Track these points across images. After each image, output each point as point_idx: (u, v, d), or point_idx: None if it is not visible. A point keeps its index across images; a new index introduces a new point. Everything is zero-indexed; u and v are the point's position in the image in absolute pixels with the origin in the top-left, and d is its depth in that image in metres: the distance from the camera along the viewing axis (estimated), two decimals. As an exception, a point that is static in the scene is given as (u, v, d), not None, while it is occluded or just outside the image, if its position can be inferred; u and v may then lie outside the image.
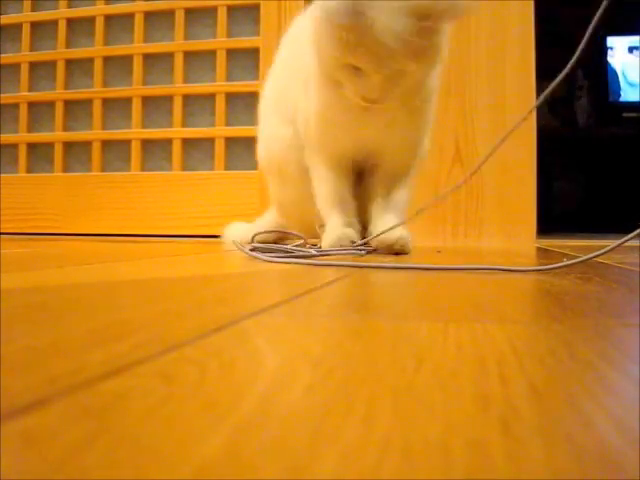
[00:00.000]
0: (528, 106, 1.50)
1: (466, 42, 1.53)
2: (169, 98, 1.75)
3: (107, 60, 1.80)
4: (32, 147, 1.85)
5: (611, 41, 2.51)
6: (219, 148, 1.71)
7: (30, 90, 1.85)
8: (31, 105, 1.85)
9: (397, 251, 0.91)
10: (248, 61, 1.71)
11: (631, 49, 2.52)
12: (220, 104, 1.71)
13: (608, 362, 0.24)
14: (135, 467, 0.13)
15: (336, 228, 0.95)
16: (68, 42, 1.82)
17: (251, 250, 0.79)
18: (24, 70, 1.84)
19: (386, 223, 0.92)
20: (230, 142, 1.71)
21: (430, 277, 0.60)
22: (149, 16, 1.78)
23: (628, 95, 2.52)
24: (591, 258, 0.67)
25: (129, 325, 0.30)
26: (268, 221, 1.26)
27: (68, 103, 1.83)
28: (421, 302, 0.44)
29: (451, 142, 1.47)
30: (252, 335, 0.28)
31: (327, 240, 0.94)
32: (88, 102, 1.81)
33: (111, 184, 1.77)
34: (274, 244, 0.99)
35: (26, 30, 1.84)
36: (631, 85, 2.51)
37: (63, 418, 0.16)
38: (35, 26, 1.85)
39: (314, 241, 1.01)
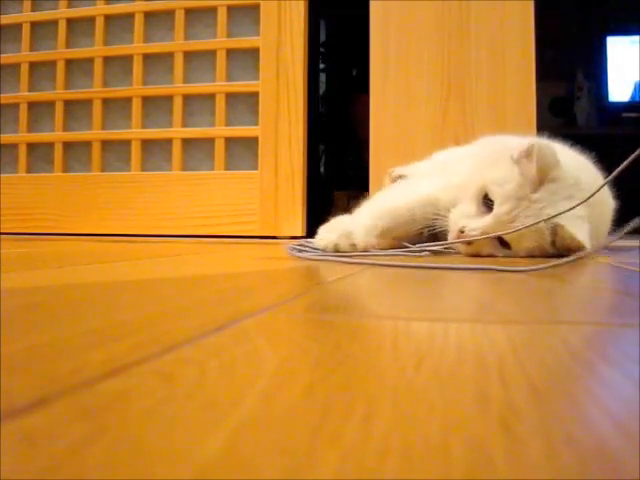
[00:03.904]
0: (528, 106, 1.50)
1: (466, 42, 1.53)
2: (169, 98, 1.75)
3: (107, 60, 1.80)
4: (32, 147, 1.85)
5: (611, 41, 2.51)
6: (219, 148, 1.71)
7: (30, 90, 1.85)
8: (31, 105, 1.85)
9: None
10: (248, 61, 1.71)
11: (631, 49, 2.51)
12: (220, 104, 1.71)
13: (608, 362, 0.24)
14: (135, 467, 0.13)
15: None
16: (68, 42, 1.82)
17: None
18: (24, 70, 1.84)
19: None
20: (230, 142, 1.71)
21: (431, 277, 0.60)
22: (149, 16, 1.78)
23: (628, 95, 2.51)
24: (588, 256, 0.67)
25: (129, 325, 0.30)
26: None
27: (68, 103, 1.83)
28: (422, 302, 0.44)
29: (451, 142, 1.47)
30: (252, 335, 0.28)
31: None
32: (88, 102, 1.81)
33: (111, 184, 1.77)
34: None
35: (26, 30, 1.84)
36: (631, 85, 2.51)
37: (63, 418, 0.16)
38: (35, 26, 1.85)
39: None
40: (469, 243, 0.88)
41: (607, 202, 1.07)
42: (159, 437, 0.15)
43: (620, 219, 1.06)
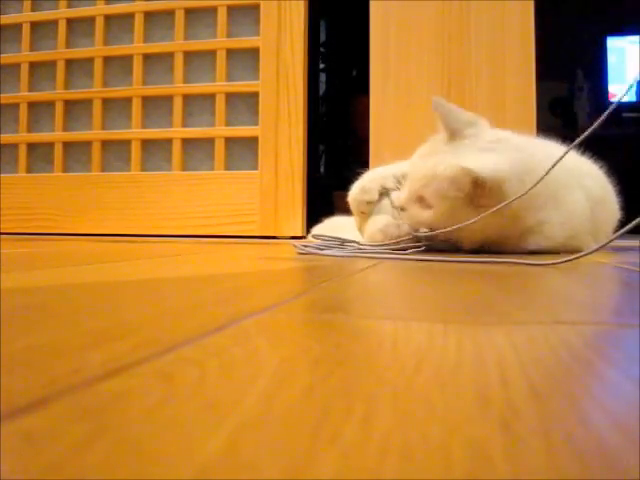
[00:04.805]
0: (528, 106, 1.50)
1: (466, 42, 1.53)
2: (169, 98, 1.75)
3: (107, 60, 1.80)
4: (32, 147, 1.85)
5: (611, 41, 2.51)
6: (219, 148, 1.71)
7: (30, 90, 1.85)
8: (31, 105, 1.85)
9: None
10: (248, 61, 1.71)
11: (631, 49, 2.51)
12: (220, 104, 1.71)
13: (608, 362, 0.24)
14: (135, 467, 0.13)
15: None
16: (68, 42, 1.82)
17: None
18: (24, 70, 1.84)
19: None
20: (230, 142, 1.71)
21: (431, 276, 0.60)
22: (149, 16, 1.78)
23: (628, 95, 2.52)
24: (587, 254, 0.67)
25: (129, 325, 0.30)
26: None
27: (68, 103, 1.83)
28: (422, 302, 0.44)
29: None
30: (252, 335, 0.28)
31: None
32: (88, 102, 1.81)
33: (111, 184, 1.77)
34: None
35: (26, 30, 1.84)
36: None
37: (63, 418, 0.16)
38: (35, 26, 1.85)
39: None
40: (402, 209, 0.94)
41: (610, 201, 1.06)
42: (159, 437, 0.15)
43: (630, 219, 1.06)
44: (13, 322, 0.30)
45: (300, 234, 1.63)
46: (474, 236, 0.88)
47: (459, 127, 0.92)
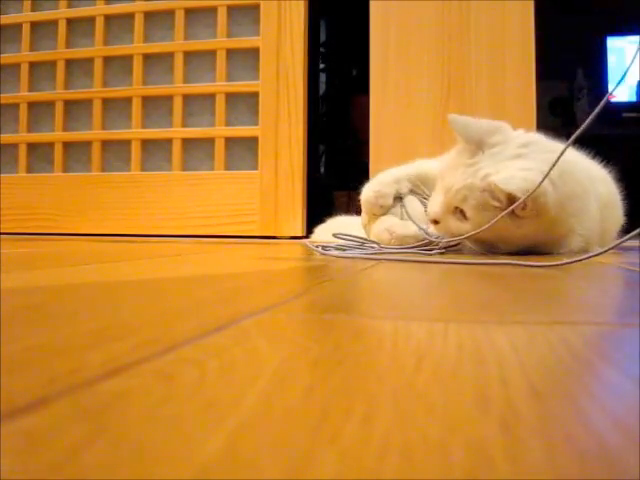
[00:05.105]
0: (528, 106, 1.50)
1: (466, 42, 1.53)
2: (169, 98, 1.75)
3: (107, 60, 1.80)
4: (32, 147, 1.85)
5: (611, 41, 2.51)
6: (219, 148, 1.71)
7: (30, 90, 1.85)
8: (31, 105, 1.85)
9: None
10: (248, 61, 1.71)
11: (631, 49, 2.51)
12: (220, 104, 1.71)
13: (608, 362, 0.24)
14: (135, 467, 0.13)
15: None
16: (68, 42, 1.82)
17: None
18: (24, 70, 1.84)
19: None
20: (230, 142, 1.71)
21: (431, 275, 0.60)
22: (149, 16, 1.78)
23: (628, 95, 2.51)
24: (590, 257, 0.67)
25: (129, 325, 0.30)
26: None
27: (68, 103, 1.83)
28: (422, 301, 0.44)
29: (451, 142, 1.47)
30: (252, 335, 0.28)
31: None
32: (88, 102, 1.81)
33: (111, 184, 1.77)
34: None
35: (26, 30, 1.84)
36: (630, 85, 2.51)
37: (63, 418, 0.16)
38: (35, 26, 1.85)
39: None
40: (436, 222, 0.92)
41: (617, 205, 1.07)
42: (159, 437, 0.15)
43: (630, 219, 1.07)
44: (13, 322, 0.30)
45: (300, 234, 1.63)
46: (513, 243, 0.87)
47: (482, 138, 0.90)
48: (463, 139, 0.92)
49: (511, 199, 0.81)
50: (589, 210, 0.93)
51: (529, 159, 0.86)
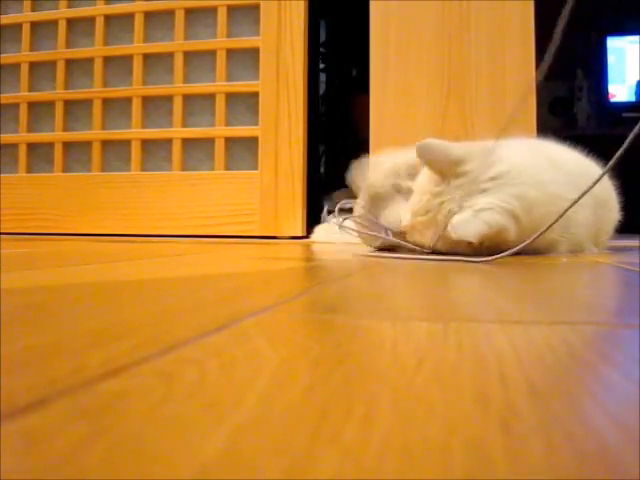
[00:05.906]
0: (528, 106, 1.50)
1: (466, 42, 1.53)
2: (169, 98, 1.75)
3: (107, 60, 1.80)
4: (32, 147, 1.85)
5: (611, 41, 2.51)
6: (219, 148, 1.71)
7: (30, 90, 1.84)
8: (31, 105, 1.85)
9: None
10: (248, 61, 1.71)
11: (631, 49, 2.51)
12: (220, 104, 1.71)
13: (608, 362, 0.24)
14: (135, 467, 0.13)
15: None
16: (68, 42, 1.82)
17: None
18: (24, 70, 1.84)
19: None
20: (230, 142, 1.71)
21: (431, 275, 0.60)
22: (149, 16, 1.78)
23: (627, 95, 2.51)
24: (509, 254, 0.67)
25: (129, 325, 0.30)
26: None
27: (68, 103, 1.82)
28: (422, 301, 0.44)
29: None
30: (252, 335, 0.28)
31: None
32: (88, 102, 1.81)
33: (111, 184, 1.77)
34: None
35: (26, 30, 1.84)
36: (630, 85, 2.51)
37: (63, 418, 0.16)
38: (35, 26, 1.85)
39: None
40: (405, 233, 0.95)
41: (612, 202, 1.06)
42: (159, 437, 0.15)
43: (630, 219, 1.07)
44: (13, 322, 0.30)
45: (300, 234, 1.63)
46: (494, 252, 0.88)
47: (449, 167, 0.89)
48: (425, 165, 0.92)
49: (465, 243, 0.83)
50: (574, 218, 0.92)
51: (493, 195, 0.85)
